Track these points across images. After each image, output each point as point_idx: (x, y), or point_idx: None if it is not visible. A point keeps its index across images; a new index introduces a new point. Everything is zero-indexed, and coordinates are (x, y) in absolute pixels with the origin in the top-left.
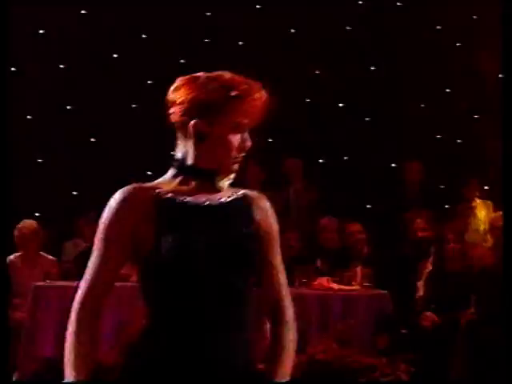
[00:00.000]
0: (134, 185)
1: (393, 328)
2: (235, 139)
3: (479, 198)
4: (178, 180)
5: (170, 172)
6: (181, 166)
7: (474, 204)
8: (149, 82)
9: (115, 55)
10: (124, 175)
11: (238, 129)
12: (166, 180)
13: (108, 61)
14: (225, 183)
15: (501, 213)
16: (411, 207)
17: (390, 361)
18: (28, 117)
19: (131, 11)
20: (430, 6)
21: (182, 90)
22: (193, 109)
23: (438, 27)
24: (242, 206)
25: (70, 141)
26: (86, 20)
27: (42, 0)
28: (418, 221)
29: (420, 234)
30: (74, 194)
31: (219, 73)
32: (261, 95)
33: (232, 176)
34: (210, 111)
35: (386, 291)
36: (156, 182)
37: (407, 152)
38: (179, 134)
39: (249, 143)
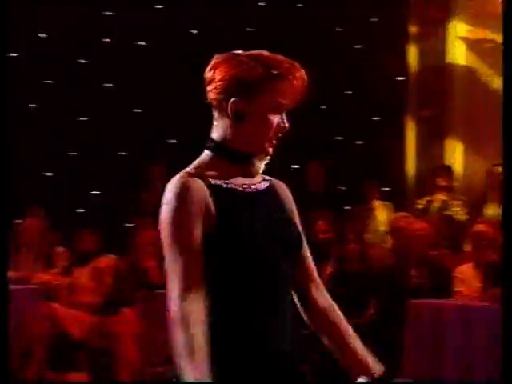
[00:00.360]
0: (185, 176)
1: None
2: (274, 119)
3: (379, 199)
4: (216, 163)
5: (206, 154)
6: (218, 147)
7: (373, 205)
8: None
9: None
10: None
11: (277, 109)
12: (206, 163)
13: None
14: (260, 167)
15: (402, 214)
16: (313, 208)
17: None
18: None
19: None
20: (330, 6)
21: (221, 67)
22: (232, 87)
23: (339, 28)
24: (276, 192)
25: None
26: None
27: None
28: (320, 223)
29: (321, 236)
30: None
31: (259, 51)
32: (301, 75)
33: (267, 159)
34: (249, 89)
35: None
36: (194, 166)
37: (309, 153)
38: (216, 114)
39: (287, 125)
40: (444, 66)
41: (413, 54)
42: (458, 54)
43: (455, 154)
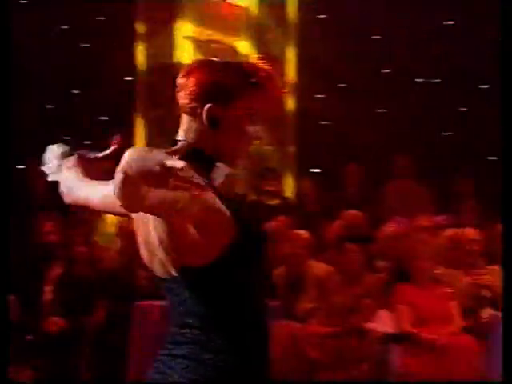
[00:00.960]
0: None
1: (17, 335)
2: (249, 128)
3: None
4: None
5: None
6: (191, 153)
7: None
8: None
9: None
10: None
11: (252, 117)
12: None
13: None
14: (222, 177)
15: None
16: (38, 210)
17: None
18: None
19: None
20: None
21: (197, 73)
22: (207, 93)
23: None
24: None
25: None
26: None
27: None
28: (44, 224)
29: (47, 238)
30: None
31: (236, 60)
32: (277, 85)
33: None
34: (226, 96)
35: None
36: None
37: None
38: (186, 118)
39: (261, 134)
40: (172, 65)
41: (141, 53)
42: (186, 53)
43: None
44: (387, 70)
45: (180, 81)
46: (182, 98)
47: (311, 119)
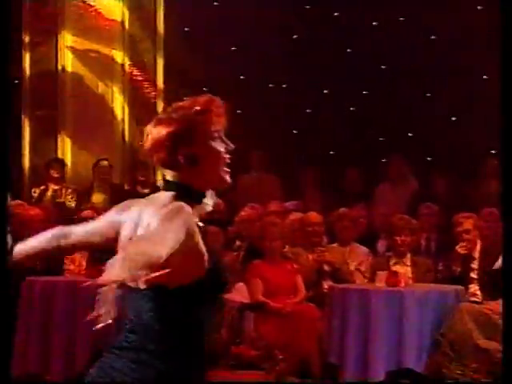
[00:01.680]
0: None
1: None
2: (220, 147)
3: None
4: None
5: (166, 195)
6: (179, 188)
7: None
8: None
9: None
10: None
11: (216, 137)
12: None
13: None
14: (209, 202)
15: (17, 201)
16: None
17: None
18: None
19: None
20: None
21: (155, 132)
22: (173, 142)
23: None
24: None
25: None
26: None
27: None
28: None
29: None
30: None
31: (176, 103)
32: (219, 103)
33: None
34: (188, 136)
35: None
36: None
37: None
38: (167, 171)
39: (231, 144)
40: (55, 72)
41: (27, 60)
42: (67, 61)
43: (66, 149)
44: (242, 77)
45: (145, 143)
46: (157, 152)
47: None
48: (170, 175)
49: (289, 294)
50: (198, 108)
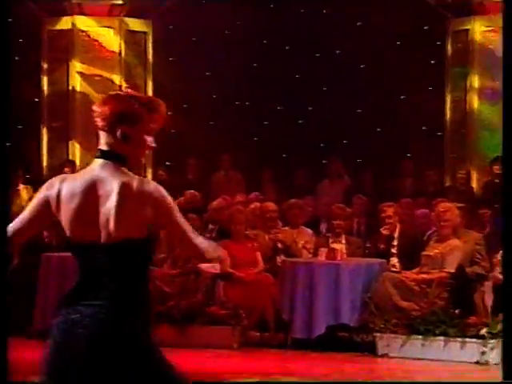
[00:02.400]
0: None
1: None
2: (148, 139)
3: (23, 183)
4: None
5: (101, 162)
6: (111, 156)
7: (18, 188)
8: None
9: None
10: None
11: (150, 132)
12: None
13: None
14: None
15: None
16: None
17: None
18: None
19: None
20: None
21: (110, 104)
22: (119, 118)
23: None
24: None
25: None
26: None
27: None
28: None
29: None
30: None
31: (134, 92)
32: (164, 108)
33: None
34: (132, 120)
35: None
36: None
37: None
38: (104, 136)
39: (155, 144)
40: (67, 92)
41: (45, 83)
42: (77, 83)
43: (75, 152)
44: (215, 96)
45: (97, 108)
46: (100, 121)
47: (164, 130)
48: (105, 143)
49: (250, 266)
50: (149, 106)
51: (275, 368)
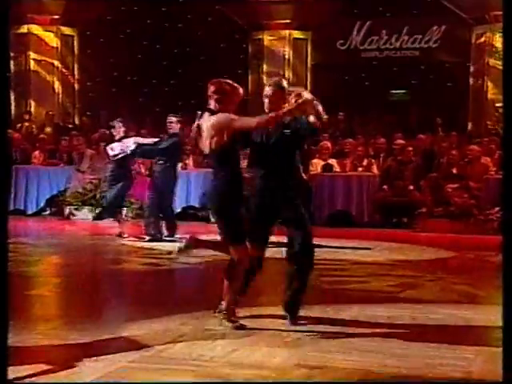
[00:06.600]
0: None
1: None
2: (232, 108)
3: None
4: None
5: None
6: (212, 111)
7: None
8: None
9: None
10: None
11: (233, 105)
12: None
13: None
14: None
15: None
16: None
17: None
18: None
19: None
20: None
21: (214, 84)
22: (220, 93)
23: None
24: None
25: None
26: None
27: None
28: None
29: None
30: None
31: (225, 80)
32: (238, 90)
33: None
34: (226, 95)
35: None
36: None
37: None
38: (213, 102)
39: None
40: (25, 70)
41: (12, 64)
42: (31, 65)
43: (32, 106)
44: (116, 73)
45: (210, 86)
46: (214, 94)
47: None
48: (214, 106)
49: None
50: (233, 88)
51: None
